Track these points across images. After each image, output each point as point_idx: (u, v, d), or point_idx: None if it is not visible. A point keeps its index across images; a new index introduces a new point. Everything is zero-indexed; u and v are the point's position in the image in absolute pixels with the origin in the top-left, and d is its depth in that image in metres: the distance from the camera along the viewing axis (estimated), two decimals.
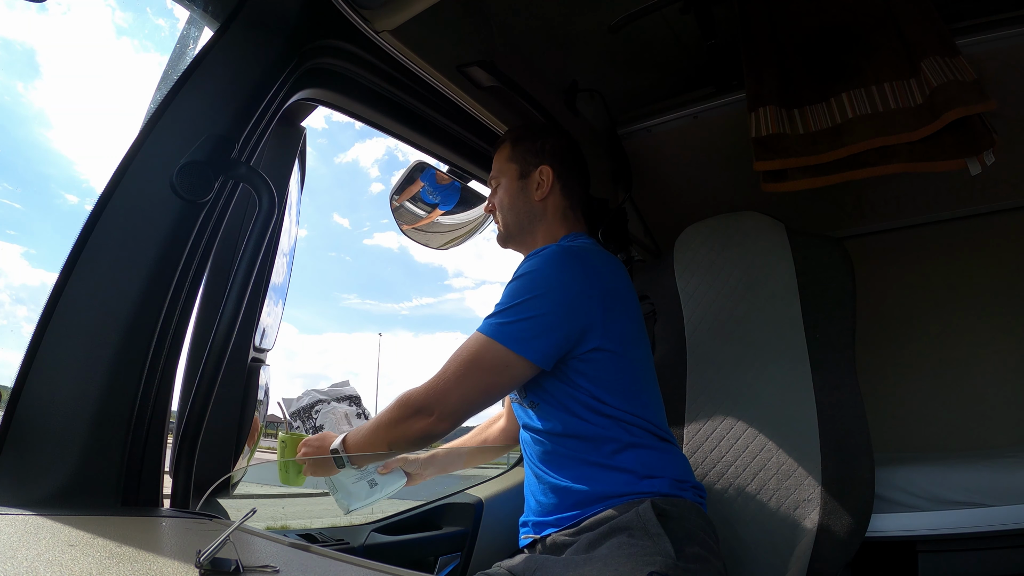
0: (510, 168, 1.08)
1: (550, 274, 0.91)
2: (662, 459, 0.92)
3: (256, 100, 0.84)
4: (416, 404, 0.89)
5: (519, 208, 1.07)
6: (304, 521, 1.69)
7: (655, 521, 0.80)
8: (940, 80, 0.96)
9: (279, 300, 1.09)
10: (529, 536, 0.95)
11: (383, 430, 0.92)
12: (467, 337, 0.92)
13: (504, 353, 0.87)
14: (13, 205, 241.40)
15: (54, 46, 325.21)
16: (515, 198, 1.07)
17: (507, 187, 1.08)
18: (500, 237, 1.11)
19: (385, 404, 0.97)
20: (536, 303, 0.88)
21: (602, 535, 0.82)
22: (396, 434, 0.90)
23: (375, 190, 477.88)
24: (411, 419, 0.89)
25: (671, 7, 1.08)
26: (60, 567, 0.38)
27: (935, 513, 1.12)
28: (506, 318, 0.89)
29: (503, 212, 1.08)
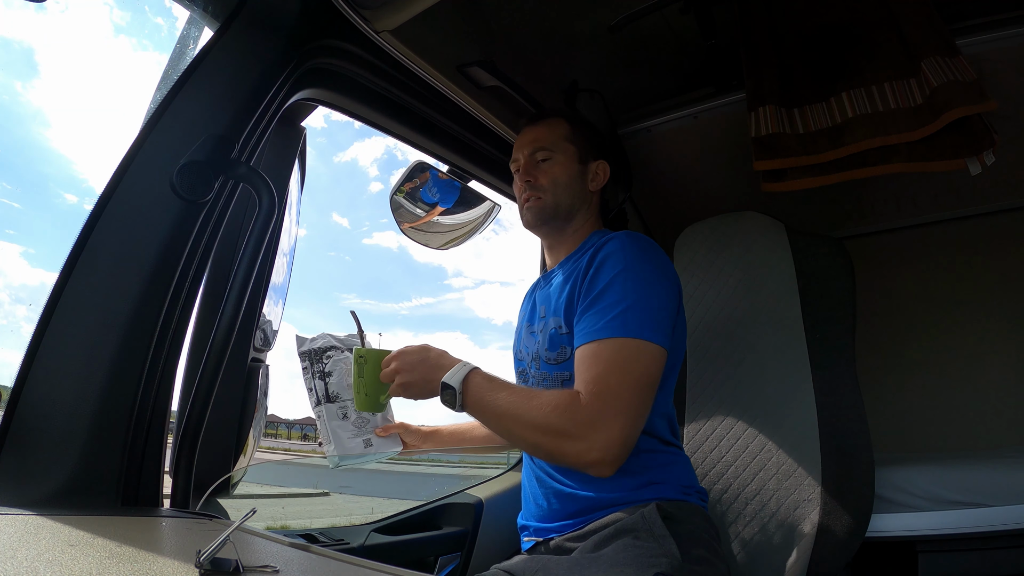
0: (569, 148, 1.03)
1: (654, 262, 0.88)
2: (669, 465, 0.91)
3: (256, 100, 0.84)
4: (581, 427, 0.76)
5: (575, 190, 1.02)
6: (304, 521, 1.69)
7: (660, 523, 0.79)
8: (940, 80, 0.96)
9: (279, 300, 1.09)
10: (531, 540, 0.94)
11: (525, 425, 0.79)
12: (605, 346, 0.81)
13: (656, 350, 0.82)
14: (12, 204, 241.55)
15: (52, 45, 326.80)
16: (574, 179, 1.02)
17: (566, 165, 1.02)
18: (539, 215, 1.02)
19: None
20: (658, 290, 0.86)
21: (607, 537, 0.82)
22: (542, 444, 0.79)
23: (374, 189, 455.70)
24: (571, 443, 0.76)
25: (671, 7, 1.08)
26: (60, 567, 0.38)
27: (935, 513, 1.12)
28: (640, 313, 0.82)
29: (557, 187, 1.01)
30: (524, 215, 1.04)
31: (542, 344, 0.96)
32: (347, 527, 1.13)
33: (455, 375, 0.82)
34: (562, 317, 0.93)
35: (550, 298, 0.98)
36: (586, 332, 0.84)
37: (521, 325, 1.09)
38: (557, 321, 0.94)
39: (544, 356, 0.95)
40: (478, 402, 0.81)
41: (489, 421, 0.83)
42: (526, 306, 1.12)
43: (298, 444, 48.74)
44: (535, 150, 1.03)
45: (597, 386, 0.78)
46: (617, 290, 0.85)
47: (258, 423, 1.04)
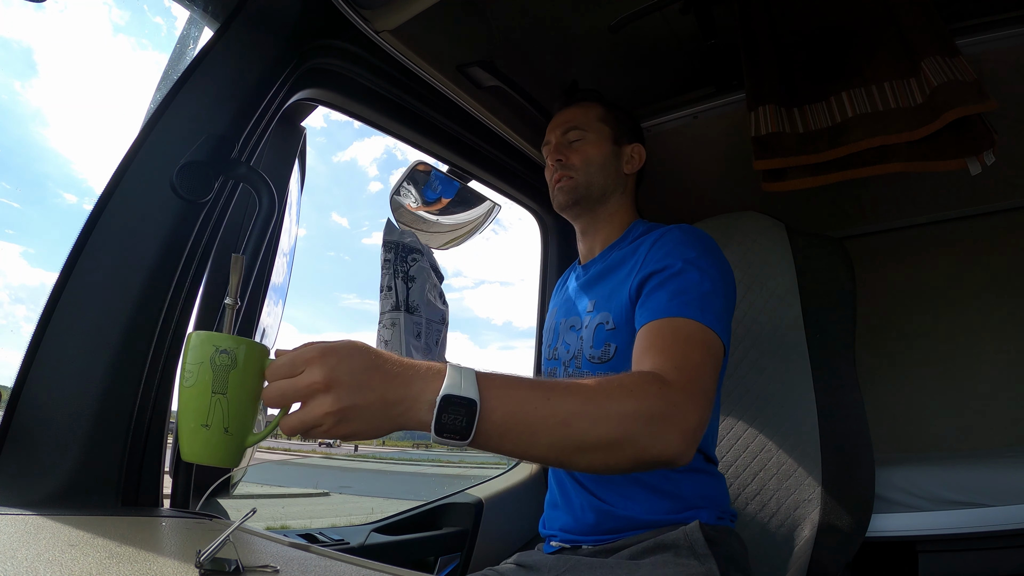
0: (603, 128, 1.00)
1: (717, 256, 0.83)
2: (710, 486, 0.86)
3: (256, 100, 0.84)
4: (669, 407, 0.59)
5: (609, 171, 0.98)
6: (304, 521, 1.69)
7: (703, 542, 0.76)
8: (940, 80, 0.96)
9: (279, 300, 1.09)
10: (558, 545, 0.89)
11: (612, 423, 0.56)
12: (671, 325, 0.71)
13: (720, 344, 0.73)
14: (12, 204, 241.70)
15: (51, 45, 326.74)
16: (607, 160, 0.98)
17: (599, 145, 0.98)
18: (570, 196, 0.96)
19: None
20: (727, 292, 0.80)
21: (647, 549, 0.78)
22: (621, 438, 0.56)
23: (374, 189, 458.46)
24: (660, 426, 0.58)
25: (671, 7, 1.08)
26: (60, 567, 0.38)
27: (935, 513, 1.12)
28: (714, 306, 0.74)
29: (590, 167, 0.97)
30: (555, 196, 0.99)
31: (586, 341, 0.89)
32: (347, 527, 1.13)
33: (461, 382, 0.51)
34: (611, 312, 0.86)
35: (595, 290, 0.93)
36: (662, 308, 0.74)
37: (557, 322, 1.02)
38: (605, 316, 0.87)
39: (587, 354, 0.88)
40: (513, 415, 0.53)
41: (537, 437, 0.54)
42: (560, 300, 1.05)
43: (298, 444, 48.79)
44: (567, 130, 1.00)
45: (684, 362, 0.65)
46: (694, 275, 0.76)
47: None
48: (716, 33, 1.15)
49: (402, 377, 0.51)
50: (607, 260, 0.95)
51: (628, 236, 0.96)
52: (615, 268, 0.91)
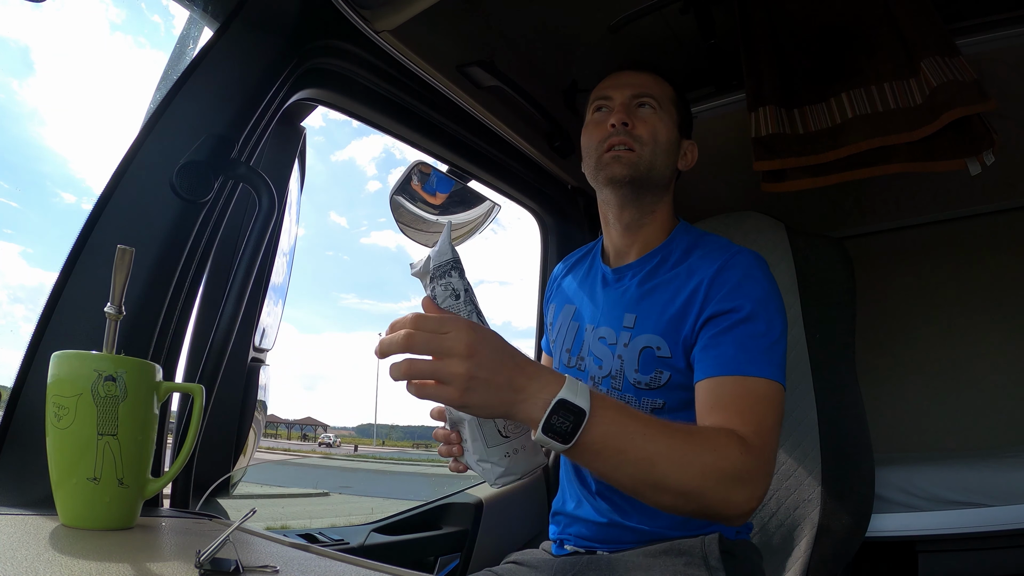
0: (673, 112, 0.88)
1: (776, 291, 0.77)
2: None
3: (256, 100, 0.84)
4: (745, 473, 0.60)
5: (670, 157, 0.86)
6: (304, 521, 1.69)
7: (718, 555, 0.74)
8: (940, 80, 0.96)
9: (279, 300, 1.09)
10: (571, 548, 0.85)
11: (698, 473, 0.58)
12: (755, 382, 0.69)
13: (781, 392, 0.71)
14: (10, 204, 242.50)
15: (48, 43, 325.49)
16: (672, 144, 0.86)
17: (669, 126, 0.86)
18: (633, 166, 0.82)
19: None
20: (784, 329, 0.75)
21: (657, 552, 0.76)
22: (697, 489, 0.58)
23: (372, 188, 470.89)
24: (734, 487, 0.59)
25: (671, 7, 1.08)
26: (60, 567, 0.38)
27: (935, 513, 1.12)
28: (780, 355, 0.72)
29: (656, 144, 0.83)
30: (608, 166, 0.82)
31: (628, 362, 0.79)
32: (347, 527, 1.13)
33: (576, 392, 0.54)
34: (664, 339, 0.77)
35: (637, 304, 0.82)
36: (732, 364, 0.70)
37: (580, 327, 0.89)
38: (655, 340, 0.78)
39: (632, 378, 0.79)
40: (613, 437, 0.55)
41: (624, 464, 0.57)
42: (569, 299, 0.94)
43: (298, 444, 48.36)
44: (639, 94, 0.85)
45: (760, 428, 0.65)
46: (762, 324, 0.72)
47: (258, 423, 1.04)
48: (716, 33, 1.15)
49: (529, 371, 0.54)
50: (650, 272, 0.84)
51: (672, 244, 0.85)
52: (664, 286, 0.81)
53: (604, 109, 0.87)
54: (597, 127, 0.86)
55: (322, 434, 59.65)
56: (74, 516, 0.49)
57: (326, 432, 65.58)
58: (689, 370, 0.76)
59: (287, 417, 76.48)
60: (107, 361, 0.47)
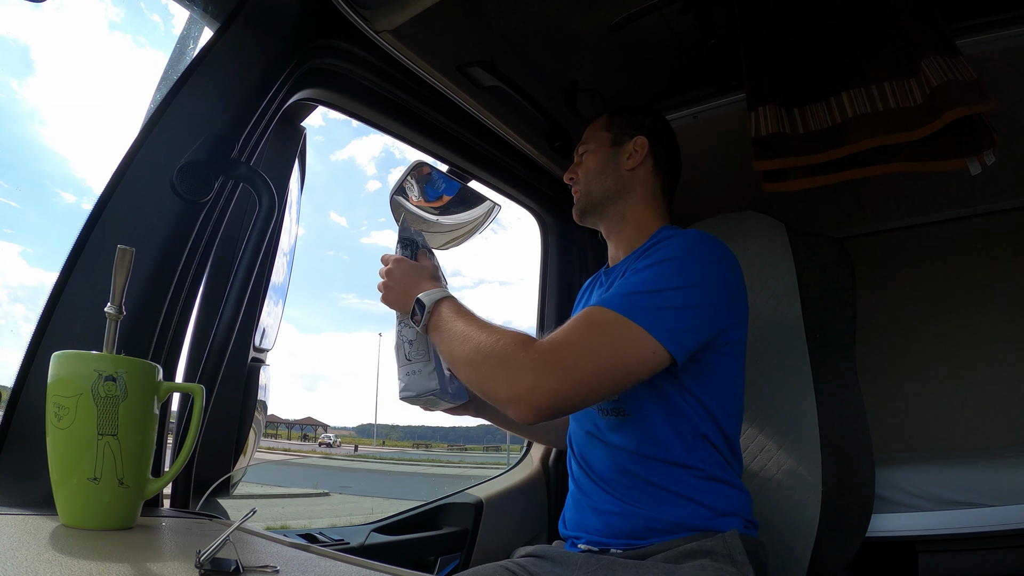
0: (603, 136, 1.00)
1: (709, 262, 0.80)
2: (737, 496, 0.84)
3: (256, 100, 0.84)
4: (523, 364, 0.70)
5: (607, 174, 0.97)
6: (304, 521, 1.69)
7: (742, 550, 0.75)
8: (940, 80, 0.96)
9: (279, 300, 1.09)
10: (584, 547, 0.85)
11: (472, 348, 0.74)
12: (583, 312, 0.76)
13: (650, 342, 0.71)
14: (10, 203, 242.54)
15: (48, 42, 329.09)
16: (604, 163, 0.98)
17: (596, 152, 0.99)
18: (578, 208, 1.00)
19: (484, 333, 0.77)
20: (694, 292, 0.76)
21: (683, 554, 0.76)
22: (481, 370, 0.73)
23: (372, 188, 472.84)
24: (508, 375, 0.71)
25: (671, 7, 1.08)
26: (60, 567, 0.38)
27: (935, 513, 1.12)
28: (657, 301, 0.74)
29: (588, 178, 0.98)
30: (574, 210, 1.02)
31: None
32: (347, 527, 1.13)
33: (430, 295, 0.84)
34: None
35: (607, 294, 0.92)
36: (597, 300, 0.77)
37: None
38: None
39: None
40: (440, 323, 0.81)
41: (443, 344, 0.80)
42: (587, 303, 1.03)
43: (298, 444, 48.27)
44: (582, 149, 1.02)
45: (559, 337, 0.72)
46: (646, 275, 0.77)
47: (258, 423, 1.04)
48: (716, 33, 1.15)
49: (419, 284, 0.88)
50: (627, 268, 0.91)
51: (646, 244, 0.91)
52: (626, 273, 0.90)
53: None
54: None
55: (322, 434, 59.63)
56: (74, 516, 0.49)
57: (326, 432, 65.58)
58: None
59: (287, 417, 76.44)
60: (107, 361, 0.47)
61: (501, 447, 42.26)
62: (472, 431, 50.67)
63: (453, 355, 0.79)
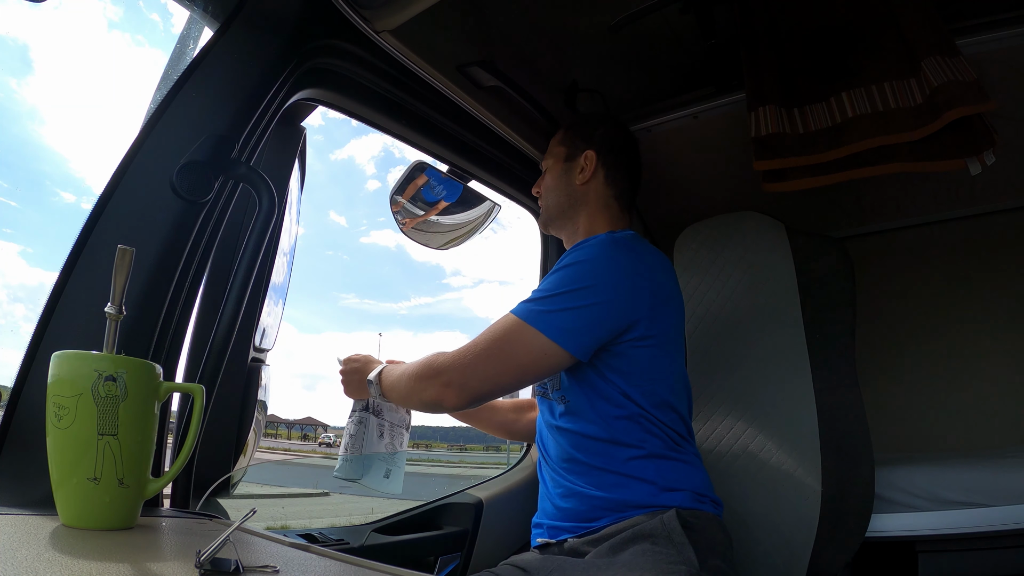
0: (559, 151, 1.07)
1: (601, 264, 0.88)
2: (684, 471, 0.89)
3: (256, 100, 0.84)
4: (438, 369, 0.87)
5: (560, 190, 1.05)
6: (304, 521, 1.69)
7: (679, 530, 0.78)
8: (940, 80, 0.96)
9: (279, 300, 1.09)
10: (543, 539, 0.93)
11: (406, 380, 0.92)
12: (497, 319, 0.89)
13: (542, 341, 0.83)
14: (9, 203, 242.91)
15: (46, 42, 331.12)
16: (558, 180, 1.06)
17: (552, 168, 1.07)
18: (541, 220, 1.11)
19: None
20: (584, 294, 0.85)
21: (624, 540, 0.80)
22: (414, 391, 0.90)
23: (371, 188, 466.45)
24: (429, 381, 0.88)
25: (671, 7, 1.08)
26: (60, 567, 0.38)
27: (935, 513, 1.12)
28: (549, 306, 0.85)
29: (547, 193, 1.07)
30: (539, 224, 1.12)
31: None
32: (347, 527, 1.13)
33: (373, 373, 0.99)
34: None
35: None
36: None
37: None
38: None
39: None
40: (387, 383, 0.96)
41: (394, 394, 0.96)
42: None
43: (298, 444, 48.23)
44: (543, 163, 1.10)
45: (468, 343, 0.87)
46: (547, 281, 0.88)
47: (258, 423, 1.04)
48: (716, 33, 1.15)
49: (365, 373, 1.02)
50: None
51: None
52: None
53: None
54: None
55: (322, 434, 59.60)
56: (74, 516, 0.49)
57: (326, 432, 65.51)
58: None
59: (287, 417, 76.44)
60: (107, 361, 0.47)
61: (501, 447, 42.35)
62: (472, 431, 50.67)
63: (402, 396, 0.94)
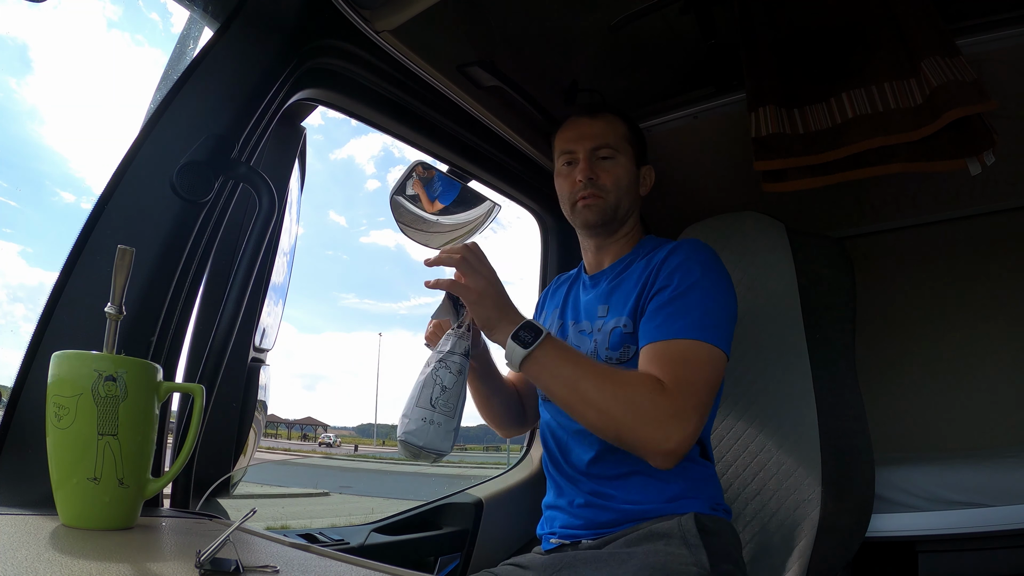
0: (628, 150, 1.01)
1: (720, 270, 0.89)
2: (705, 478, 0.89)
3: (256, 100, 0.84)
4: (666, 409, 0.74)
5: (632, 192, 1.01)
6: (304, 521, 1.69)
7: (695, 533, 0.79)
8: (940, 80, 0.96)
9: (279, 300, 1.09)
10: (557, 542, 0.91)
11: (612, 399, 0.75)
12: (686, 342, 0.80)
13: (718, 355, 0.81)
14: (9, 203, 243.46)
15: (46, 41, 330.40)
16: (632, 182, 1.01)
17: (627, 168, 1.00)
18: (601, 212, 0.97)
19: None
20: (725, 296, 0.87)
21: (638, 538, 0.81)
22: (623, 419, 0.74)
23: (371, 187, 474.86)
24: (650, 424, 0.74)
25: (671, 7, 1.08)
26: (60, 567, 0.38)
27: (935, 513, 1.12)
28: (716, 320, 0.83)
29: (619, 189, 0.98)
30: (581, 213, 0.98)
31: (601, 343, 0.92)
32: (347, 527, 1.13)
33: (540, 325, 0.79)
34: (629, 316, 0.90)
35: (609, 297, 0.96)
36: (664, 330, 0.82)
37: (565, 324, 1.03)
38: (623, 320, 0.91)
39: (604, 355, 0.91)
40: (555, 357, 0.77)
41: (558, 381, 0.77)
42: (562, 305, 1.06)
43: (298, 444, 48.29)
44: (598, 147, 0.98)
45: (679, 380, 0.77)
46: (696, 295, 0.84)
47: (258, 423, 1.04)
48: (716, 33, 1.15)
49: (514, 308, 0.81)
50: (619, 272, 0.98)
51: (639, 251, 0.99)
52: (628, 278, 0.95)
53: (572, 163, 1.01)
54: (567, 179, 1.01)
55: (322, 434, 59.62)
56: (74, 516, 0.49)
57: (326, 432, 65.54)
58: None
59: (287, 417, 76.42)
60: (107, 361, 0.47)
61: (501, 447, 42.37)
62: (472, 431, 50.72)
63: (569, 395, 0.77)
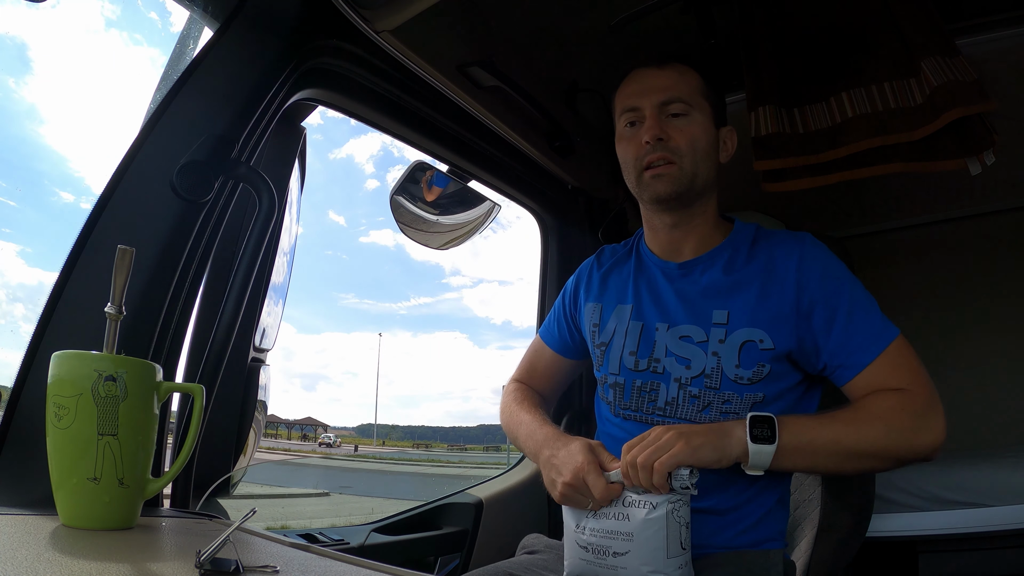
0: (706, 106, 0.82)
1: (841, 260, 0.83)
2: (780, 518, 0.81)
3: (256, 100, 0.84)
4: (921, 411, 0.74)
5: (712, 159, 0.82)
6: (304, 521, 1.69)
7: (780, 570, 0.75)
8: (940, 80, 0.96)
9: (279, 300, 1.09)
10: None
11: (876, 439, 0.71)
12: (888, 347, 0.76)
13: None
14: (8, 203, 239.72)
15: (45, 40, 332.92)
16: (711, 145, 0.81)
17: (705, 127, 0.81)
18: (677, 182, 0.79)
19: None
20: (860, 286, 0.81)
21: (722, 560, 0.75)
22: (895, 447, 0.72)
23: (370, 187, 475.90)
24: (919, 432, 0.73)
25: (671, 7, 1.08)
26: (60, 567, 0.38)
27: (935, 513, 1.13)
28: (878, 307, 0.79)
29: (695, 152, 0.79)
30: (651, 186, 0.80)
31: (727, 358, 0.77)
32: (347, 527, 1.13)
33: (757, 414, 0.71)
34: (765, 331, 0.76)
35: (724, 300, 0.79)
36: (867, 348, 0.75)
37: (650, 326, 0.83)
38: (756, 334, 0.76)
39: (731, 374, 0.76)
40: (799, 431, 0.70)
41: (818, 456, 0.71)
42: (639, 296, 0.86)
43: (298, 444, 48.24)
44: (668, 100, 0.80)
45: (915, 377, 0.75)
46: (856, 296, 0.77)
47: (258, 423, 1.04)
48: (716, 33, 1.15)
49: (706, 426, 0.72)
50: (725, 266, 0.82)
51: (737, 241, 0.84)
52: (749, 280, 0.79)
53: (636, 123, 0.83)
54: (631, 142, 0.82)
55: (322, 434, 59.61)
56: (74, 516, 0.49)
57: (326, 432, 65.51)
58: (790, 360, 0.79)
59: (287, 417, 76.43)
60: (107, 361, 0.47)
61: (501, 447, 42.37)
62: (472, 431, 50.64)
63: (836, 462, 0.72)
